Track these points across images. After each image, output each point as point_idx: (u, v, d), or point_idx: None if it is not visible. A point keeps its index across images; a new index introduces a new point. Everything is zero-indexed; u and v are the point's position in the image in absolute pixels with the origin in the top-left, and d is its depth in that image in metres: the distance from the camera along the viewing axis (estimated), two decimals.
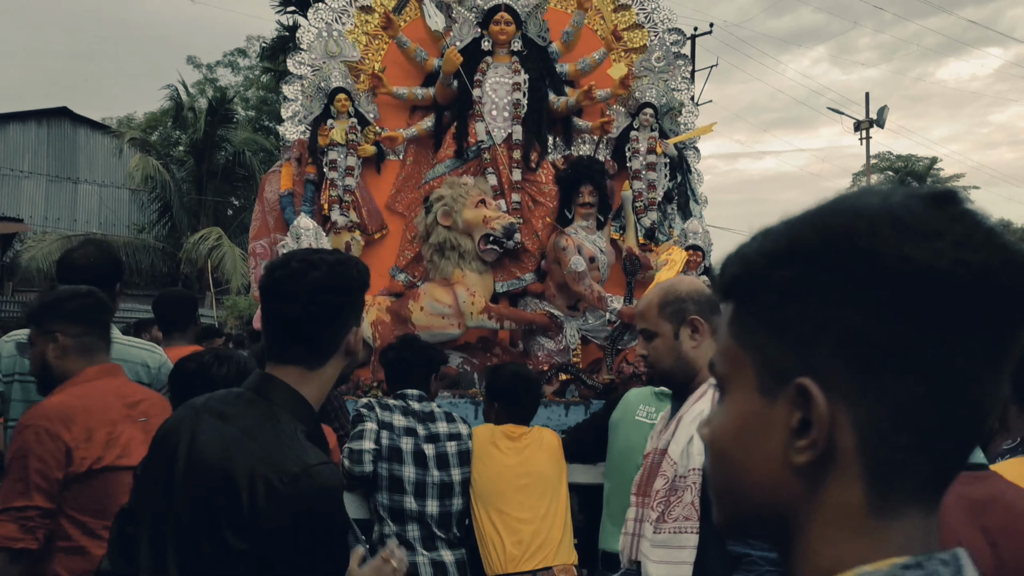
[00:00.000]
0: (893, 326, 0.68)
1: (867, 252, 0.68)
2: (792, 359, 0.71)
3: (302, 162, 6.87)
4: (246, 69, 33.10)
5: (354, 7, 7.19)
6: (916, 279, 0.67)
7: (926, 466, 0.70)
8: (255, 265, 6.85)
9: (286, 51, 24.65)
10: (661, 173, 7.13)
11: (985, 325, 0.68)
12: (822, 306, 0.70)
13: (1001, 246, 0.69)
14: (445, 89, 6.87)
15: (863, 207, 0.71)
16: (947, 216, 0.70)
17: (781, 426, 0.72)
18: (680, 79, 7.44)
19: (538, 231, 6.74)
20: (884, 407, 0.69)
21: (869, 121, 26.43)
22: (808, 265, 0.71)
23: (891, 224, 0.69)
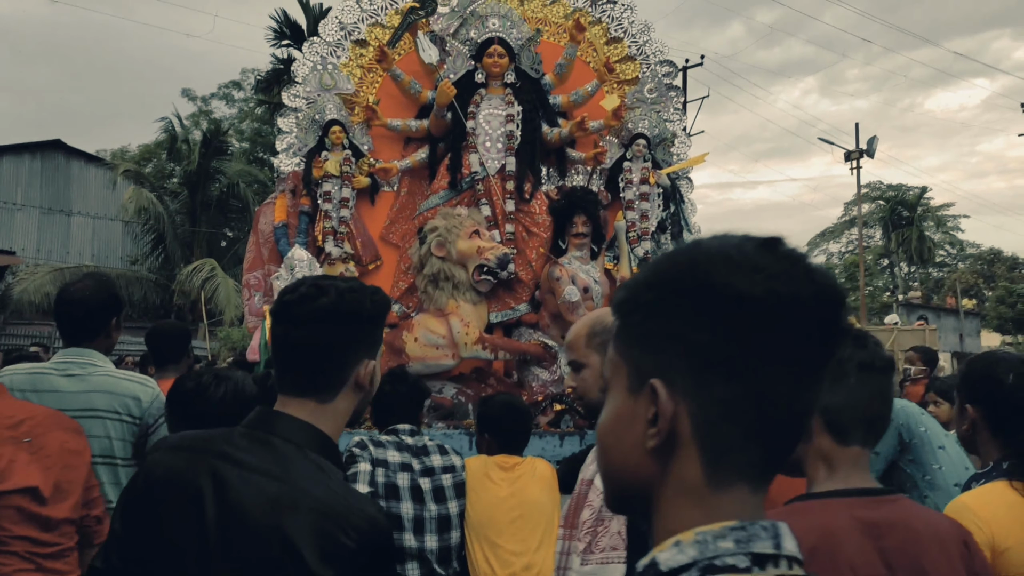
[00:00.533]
0: (721, 340, 0.84)
1: (703, 281, 0.85)
2: (650, 364, 0.88)
3: (296, 194, 6.91)
4: (241, 101, 33.28)
5: (349, 41, 7.26)
6: (737, 303, 0.84)
7: (753, 452, 0.86)
8: (249, 297, 6.85)
9: (281, 83, 24.85)
10: (654, 203, 7.17)
11: (795, 343, 0.85)
12: (672, 323, 0.87)
13: (813, 280, 0.86)
14: (439, 121, 6.92)
15: (706, 247, 0.88)
16: (770, 255, 0.86)
17: (641, 418, 0.88)
18: (672, 110, 7.50)
19: (532, 261, 6.76)
20: (714, 403, 0.85)
21: (859, 151, 26.62)
22: (664, 291, 0.88)
23: (723, 260, 0.86)
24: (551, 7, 7.47)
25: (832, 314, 0.87)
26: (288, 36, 25.01)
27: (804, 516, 1.60)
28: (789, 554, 0.84)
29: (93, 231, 27.98)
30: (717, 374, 0.85)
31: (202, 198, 25.35)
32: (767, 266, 0.85)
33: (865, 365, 1.71)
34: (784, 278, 0.85)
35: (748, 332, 0.84)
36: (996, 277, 43.56)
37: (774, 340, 0.84)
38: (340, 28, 7.27)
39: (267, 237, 6.96)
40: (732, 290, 0.84)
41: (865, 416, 1.71)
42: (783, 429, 0.87)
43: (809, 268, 0.87)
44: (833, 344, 0.88)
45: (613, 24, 7.49)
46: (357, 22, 7.29)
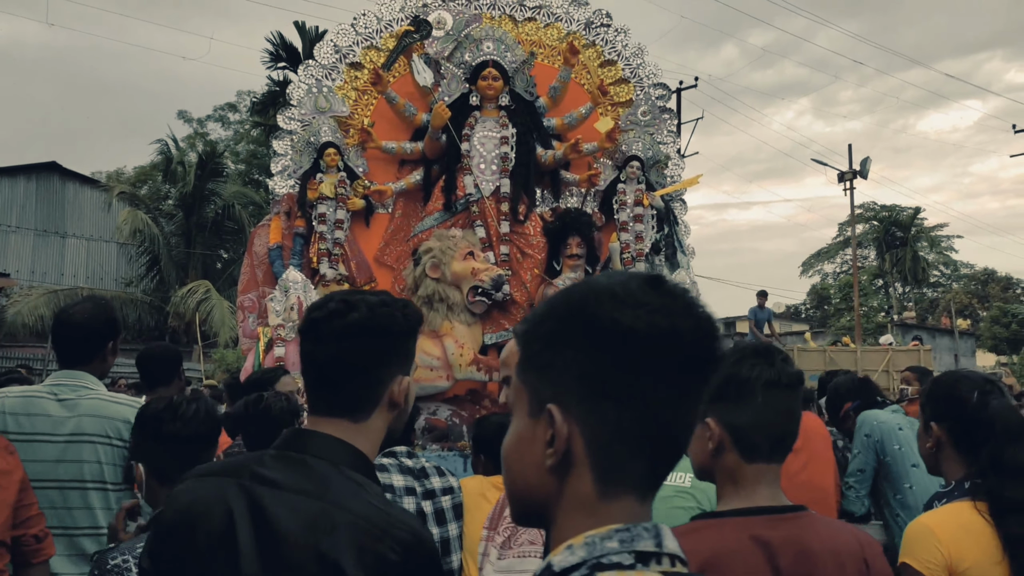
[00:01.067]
0: (609, 369, 0.93)
1: (592, 317, 0.94)
2: (548, 391, 0.96)
3: (291, 216, 6.92)
4: (236, 123, 33.37)
5: (344, 64, 7.30)
6: (623, 337, 0.93)
7: (639, 467, 0.95)
8: (243, 318, 6.84)
9: (276, 106, 24.84)
10: (648, 225, 7.19)
11: (675, 371, 0.94)
12: (566, 353, 0.95)
13: (691, 315, 0.95)
14: (434, 143, 6.95)
15: (595, 284, 0.97)
16: (653, 292, 0.95)
17: (540, 440, 0.96)
18: (666, 132, 7.55)
19: (526, 282, 6.78)
20: (604, 425, 0.94)
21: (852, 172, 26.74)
22: (559, 324, 0.97)
23: (609, 297, 0.94)
24: (545, 30, 7.52)
25: (708, 345, 0.96)
26: (284, 59, 25.13)
27: (700, 535, 1.66)
28: (671, 552, 0.93)
29: (88, 253, 27.96)
30: (607, 400, 0.94)
31: (197, 220, 25.36)
32: (649, 302, 0.94)
33: (772, 383, 1.75)
34: (664, 313, 0.94)
35: (633, 362, 0.93)
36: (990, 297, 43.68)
37: (656, 369, 0.93)
38: (335, 51, 7.31)
39: (261, 259, 6.97)
40: (618, 325, 0.93)
41: (772, 433, 1.75)
42: (666, 446, 0.97)
43: (688, 303, 0.96)
44: (709, 371, 0.97)
45: (607, 47, 7.54)
46: (352, 45, 7.33)
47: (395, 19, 7.33)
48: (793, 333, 27.96)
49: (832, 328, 33.08)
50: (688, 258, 7.46)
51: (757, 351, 1.82)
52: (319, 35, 24.41)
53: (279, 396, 3.51)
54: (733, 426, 1.73)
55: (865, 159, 26.65)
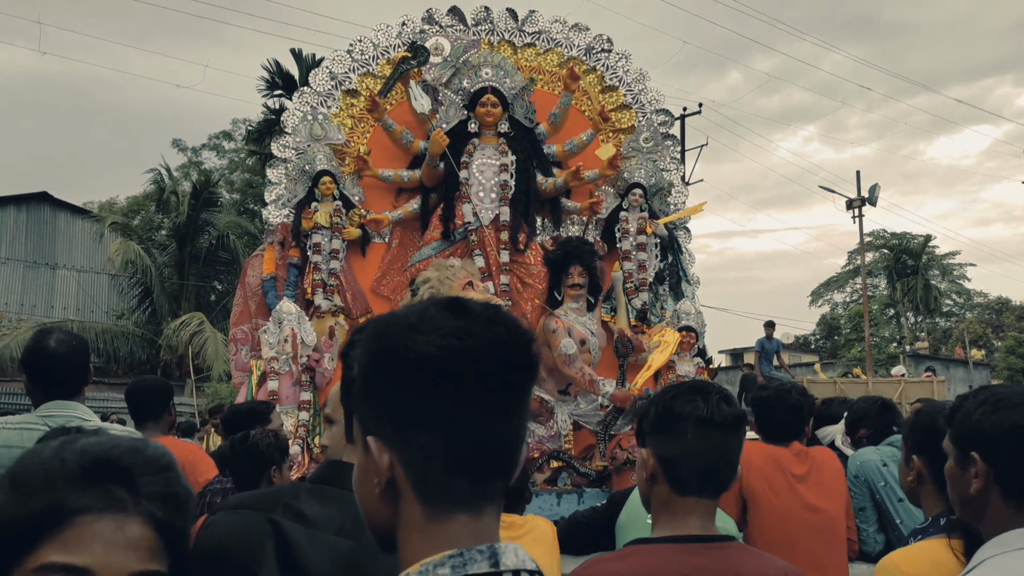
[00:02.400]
0: (409, 396, 0.98)
1: (389, 346, 0.99)
2: (369, 423, 1.02)
3: (285, 246, 6.93)
4: (231, 152, 33.56)
5: (339, 91, 7.34)
6: (416, 363, 0.97)
7: (461, 485, 0.99)
8: (235, 351, 6.82)
9: (272, 134, 25.00)
10: (652, 254, 7.19)
11: (478, 389, 0.97)
12: (373, 384, 1.01)
13: (490, 331, 0.98)
14: (431, 171, 6.98)
15: (394, 314, 1.04)
16: (450, 315, 1.00)
17: (372, 470, 1.01)
18: (669, 159, 7.57)
19: (527, 313, 6.76)
20: (416, 450, 0.99)
21: (861, 199, 26.80)
22: (365, 356, 1.02)
23: (404, 326, 1.00)
24: (545, 56, 7.57)
25: (509, 357, 1.00)
26: (280, 86, 25.34)
27: (630, 559, 1.77)
28: (513, 568, 0.97)
29: (79, 285, 28.00)
30: (413, 426, 0.99)
31: (191, 251, 25.42)
32: (444, 326, 0.98)
33: (703, 420, 1.82)
34: (459, 334, 0.98)
35: (431, 387, 0.97)
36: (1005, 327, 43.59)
37: (456, 390, 0.97)
38: (331, 78, 7.35)
39: (255, 290, 6.97)
40: (413, 352, 0.98)
41: (701, 469, 1.82)
42: (485, 461, 1.00)
43: (488, 321, 1.00)
44: (520, 382, 1.01)
45: (608, 73, 7.59)
46: (348, 72, 7.37)
47: (392, 45, 7.39)
48: (802, 364, 27.89)
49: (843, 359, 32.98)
50: (693, 287, 7.46)
51: (695, 387, 1.90)
52: (316, 62, 24.61)
53: (266, 433, 3.50)
54: (664, 459, 1.83)
55: (874, 186, 26.74)
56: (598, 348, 6.68)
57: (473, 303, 1.03)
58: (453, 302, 1.02)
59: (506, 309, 4.65)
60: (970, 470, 1.75)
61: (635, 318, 7.01)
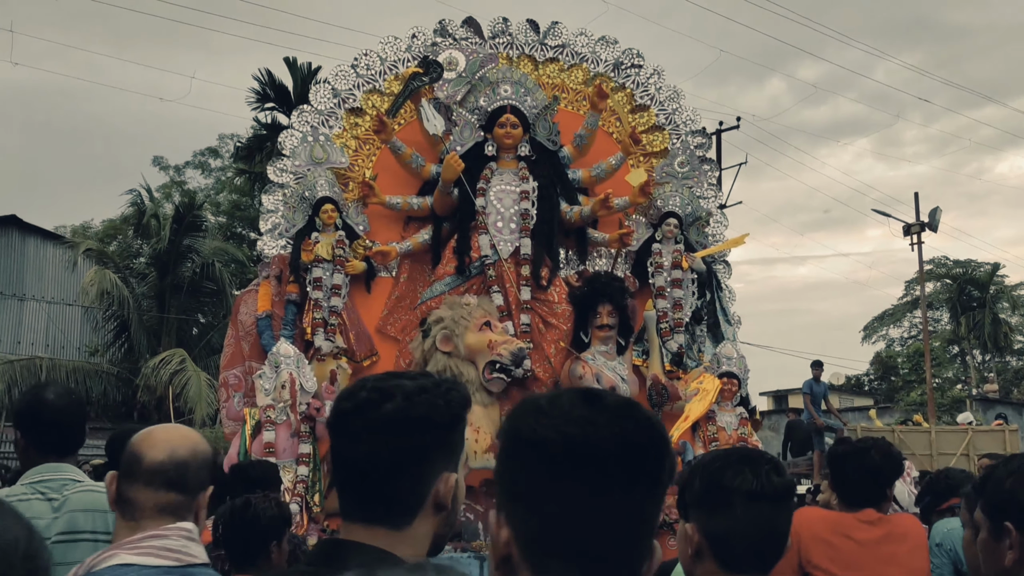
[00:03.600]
0: (523, 475, 1.11)
1: (516, 427, 1.14)
2: (498, 497, 1.17)
3: (283, 280, 7.00)
4: (218, 170, 33.74)
5: (343, 109, 7.45)
6: (534, 444, 1.10)
7: (571, 570, 1.09)
8: (227, 397, 6.89)
9: (263, 151, 25.21)
10: (688, 290, 7.24)
11: (591, 481, 1.08)
12: (502, 461, 1.16)
13: (617, 427, 1.09)
14: (444, 198, 7.06)
15: (529, 399, 1.18)
16: (582, 405, 1.11)
17: (496, 543, 1.14)
18: (707, 185, 7.64)
19: (550, 357, 6.82)
20: (527, 530, 1.11)
21: (920, 223, 26.74)
22: (501, 436, 1.19)
23: (534, 409, 1.13)
24: (569, 72, 7.68)
25: (633, 459, 1.10)
26: (272, 98, 25.55)
27: None
28: None
29: (48, 318, 28.15)
30: (525, 506, 1.11)
31: (172, 280, 25.52)
32: (570, 413, 1.10)
33: (753, 494, 1.87)
34: (582, 423, 1.10)
35: (543, 469, 1.09)
36: None
37: (569, 477, 1.08)
38: (333, 95, 7.47)
39: (248, 329, 7.04)
40: (534, 434, 1.10)
41: (751, 545, 1.88)
42: (590, 551, 1.10)
43: (618, 416, 1.11)
44: (643, 485, 1.12)
45: (639, 91, 7.69)
46: (352, 88, 7.49)
47: (401, 60, 7.51)
48: (855, 409, 27.70)
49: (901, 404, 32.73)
50: (734, 328, 7.49)
51: (744, 458, 1.95)
52: (312, 72, 24.83)
53: (268, 500, 3.52)
54: (711, 534, 1.88)
55: (935, 209, 26.68)
56: (629, 396, 6.69)
57: (611, 396, 1.15)
58: (590, 392, 1.14)
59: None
60: (1004, 541, 1.80)
61: (670, 363, 7.04)
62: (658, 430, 1.14)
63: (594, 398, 1.13)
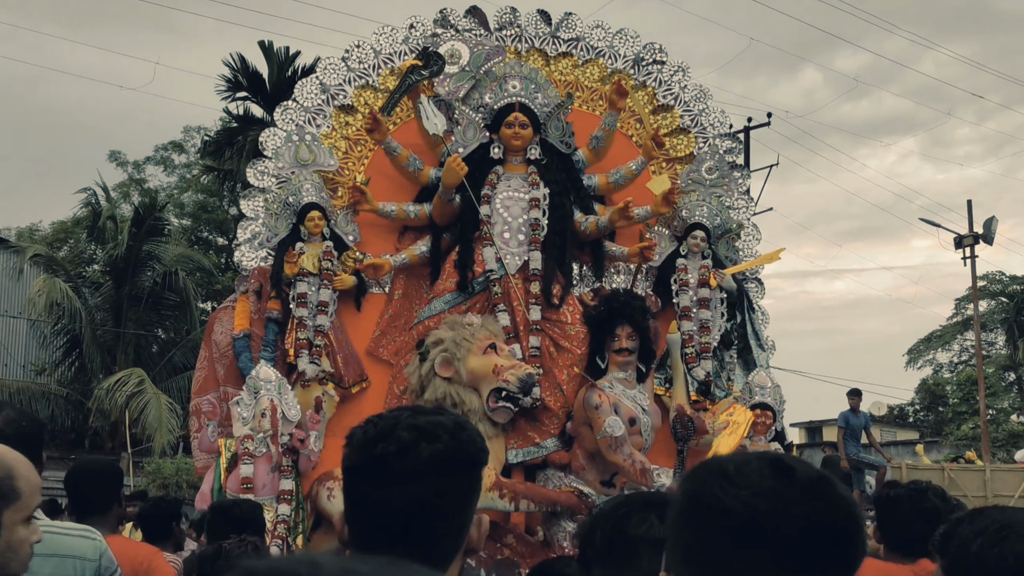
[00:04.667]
0: (701, 543, 1.20)
1: (698, 492, 1.22)
2: (668, 557, 1.27)
3: (262, 296, 7.05)
4: (182, 167, 33.78)
5: (332, 106, 7.52)
6: (720, 512, 1.18)
7: None
8: (199, 427, 6.92)
9: (233, 146, 25.24)
10: (716, 311, 7.31)
11: (773, 556, 1.16)
12: (674, 525, 1.26)
13: (808, 502, 1.17)
14: (445, 205, 7.12)
15: (713, 462, 1.26)
16: (771, 474, 1.19)
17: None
18: (737, 194, 7.71)
19: (562, 384, 6.86)
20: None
21: (974, 235, 26.76)
22: (677, 498, 1.29)
23: (720, 474, 1.21)
24: (584, 68, 7.77)
25: (823, 538, 1.17)
26: (245, 87, 25.59)
27: None
28: None
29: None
30: (697, 571, 1.19)
31: (130, 290, 25.53)
32: (758, 484, 1.19)
33: (660, 542, 1.97)
34: (770, 496, 1.18)
35: (726, 540, 1.17)
36: None
37: (753, 551, 1.16)
38: (321, 90, 7.54)
39: (224, 350, 7.08)
40: (717, 501, 1.18)
41: None
42: None
43: (811, 490, 1.18)
44: (837, 567, 1.19)
45: (661, 89, 7.78)
46: (343, 83, 7.56)
47: (397, 52, 7.59)
48: (899, 444, 27.75)
49: (950, 438, 32.73)
50: (767, 353, 7.54)
51: (648, 502, 1.95)
52: (290, 58, 24.89)
53: (244, 545, 3.54)
54: None
55: (990, 219, 26.70)
56: (651, 429, 6.75)
57: (803, 469, 1.22)
58: (781, 462, 1.22)
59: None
60: None
61: (696, 392, 7.10)
62: (852, 513, 1.20)
63: (786, 470, 1.20)
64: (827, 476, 1.22)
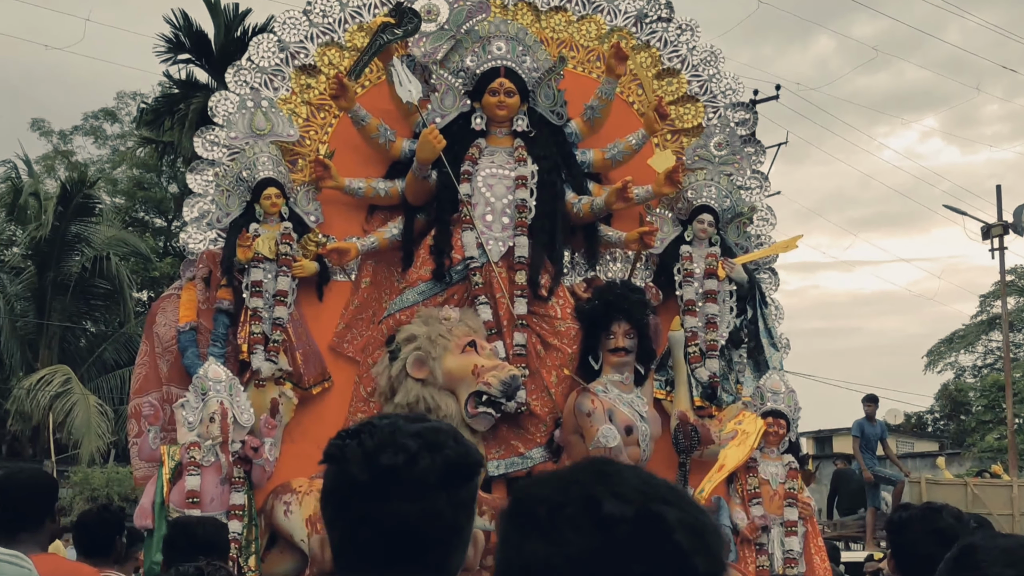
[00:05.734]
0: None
1: (501, 538, 1.21)
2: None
3: (211, 283, 6.98)
4: (116, 139, 33.62)
5: (292, 67, 7.43)
6: (517, 571, 1.16)
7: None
8: (138, 432, 6.83)
9: (174, 114, 25.09)
10: (725, 305, 7.27)
11: None
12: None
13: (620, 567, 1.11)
14: (419, 183, 7.06)
15: (529, 496, 1.20)
16: (587, 525, 1.12)
17: None
18: (750, 172, 7.68)
19: (550, 387, 6.82)
20: None
21: (1003, 224, 26.86)
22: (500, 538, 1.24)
23: (525, 519, 1.17)
24: (579, 25, 7.71)
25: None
26: (188, 49, 25.42)
27: None
28: None
29: None
30: None
31: (55, 277, 25.37)
32: (567, 537, 1.11)
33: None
34: (577, 558, 1.10)
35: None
36: None
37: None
38: (280, 49, 7.45)
39: (167, 345, 7.01)
40: (515, 555, 1.13)
41: None
42: None
43: (640, 552, 1.11)
44: None
45: (667, 51, 7.72)
46: (304, 40, 7.47)
47: (366, 4, 7.51)
48: (917, 456, 27.88)
49: (974, 450, 32.95)
50: (781, 354, 7.51)
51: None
52: (239, 16, 24.74)
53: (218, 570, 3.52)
54: None
55: (1021, 206, 26.81)
56: (649, 439, 6.71)
57: (642, 514, 1.14)
58: (599, 507, 1.15)
59: (522, 382, 4.71)
60: None
61: (701, 396, 7.07)
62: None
63: (607, 520, 1.12)
64: (669, 528, 1.12)
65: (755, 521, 6.66)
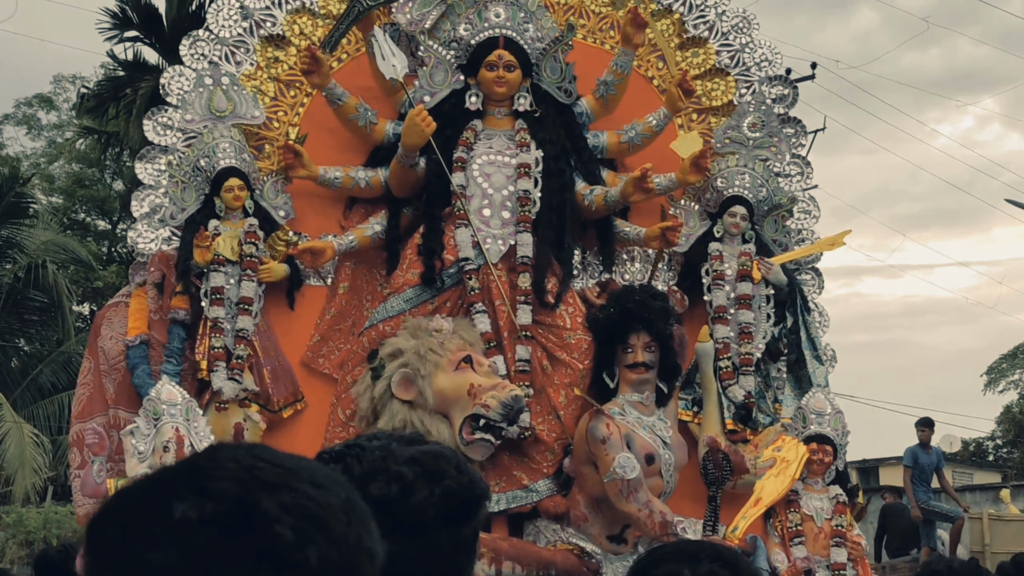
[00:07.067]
0: None
1: None
2: None
3: (165, 290, 6.95)
4: (52, 129, 33.71)
5: (256, 38, 7.40)
6: None
7: None
8: (81, 463, 6.78)
9: (119, 101, 25.13)
10: (761, 313, 7.24)
11: None
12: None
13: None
14: (406, 172, 7.02)
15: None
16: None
17: None
18: (789, 157, 7.65)
19: (559, 409, 6.78)
20: None
21: None
22: None
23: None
24: None
25: None
26: (136, 25, 25.46)
27: None
28: None
29: None
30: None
31: None
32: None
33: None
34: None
35: None
36: None
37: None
38: (243, 16, 7.44)
39: (113, 362, 6.97)
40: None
41: None
42: None
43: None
44: None
45: (692, 16, 7.71)
46: (270, 6, 7.46)
47: None
48: (977, 488, 27.87)
49: None
50: (826, 368, 7.48)
51: (683, 551, 2.02)
52: None
53: None
54: None
55: None
56: (674, 468, 6.69)
57: None
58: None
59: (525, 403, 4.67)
60: None
61: (734, 418, 7.04)
62: None
63: (182, 527, 0.99)
64: (267, 520, 1.01)
65: (797, 564, 6.63)
